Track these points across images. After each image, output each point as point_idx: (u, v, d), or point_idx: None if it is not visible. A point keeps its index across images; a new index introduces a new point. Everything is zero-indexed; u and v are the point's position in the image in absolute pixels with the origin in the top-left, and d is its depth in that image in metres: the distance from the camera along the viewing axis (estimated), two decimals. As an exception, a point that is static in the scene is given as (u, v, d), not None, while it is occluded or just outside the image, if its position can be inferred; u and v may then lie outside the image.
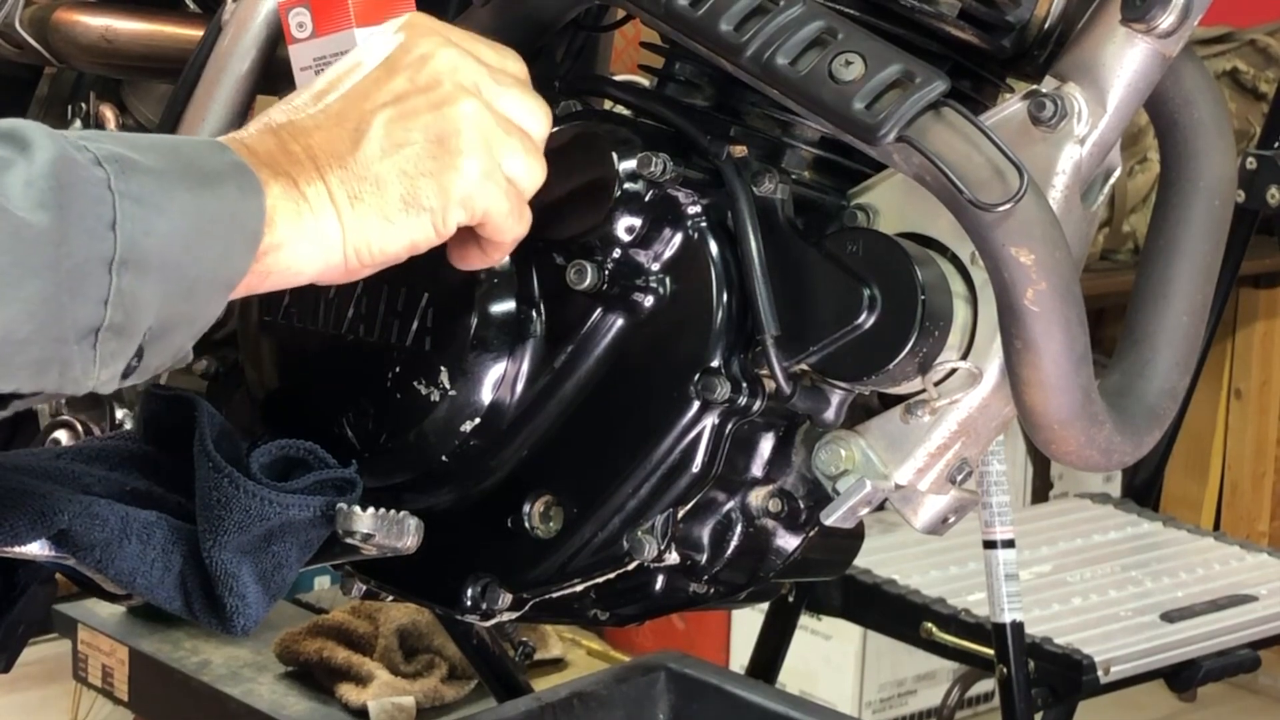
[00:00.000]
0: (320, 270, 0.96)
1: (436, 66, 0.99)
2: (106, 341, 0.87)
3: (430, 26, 1.02)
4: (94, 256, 0.86)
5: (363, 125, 0.97)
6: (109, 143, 0.89)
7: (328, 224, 0.95)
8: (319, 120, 0.97)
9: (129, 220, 0.87)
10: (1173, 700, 2.50)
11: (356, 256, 0.96)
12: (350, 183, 0.96)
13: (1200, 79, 1.14)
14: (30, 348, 0.85)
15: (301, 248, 0.94)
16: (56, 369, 0.87)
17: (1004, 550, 2.01)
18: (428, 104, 0.98)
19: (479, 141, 0.98)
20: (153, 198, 0.88)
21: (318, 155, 0.96)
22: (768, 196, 1.07)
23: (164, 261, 0.88)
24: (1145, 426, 1.09)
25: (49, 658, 2.84)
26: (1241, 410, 3.78)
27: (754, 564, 1.13)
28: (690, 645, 2.93)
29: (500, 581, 1.13)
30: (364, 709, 2.30)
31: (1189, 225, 1.13)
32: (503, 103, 1.01)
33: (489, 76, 1.01)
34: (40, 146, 0.86)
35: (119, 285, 0.86)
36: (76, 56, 1.49)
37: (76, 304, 0.86)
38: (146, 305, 0.88)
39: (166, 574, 1.08)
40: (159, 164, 0.89)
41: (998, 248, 0.97)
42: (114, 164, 0.87)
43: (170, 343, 0.91)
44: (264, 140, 0.96)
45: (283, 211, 0.93)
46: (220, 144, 0.94)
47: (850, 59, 1.00)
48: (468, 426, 1.10)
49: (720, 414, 1.07)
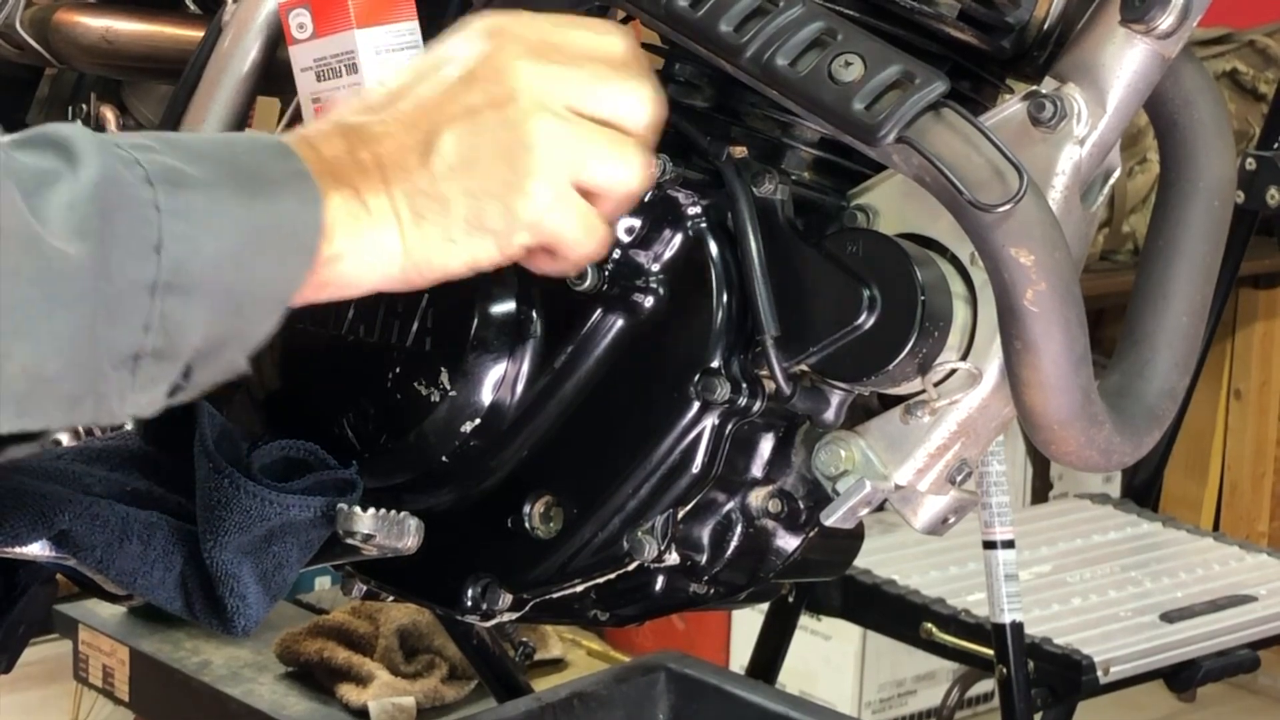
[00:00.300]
0: (377, 282, 0.93)
1: (514, 81, 0.94)
2: (146, 367, 0.84)
3: (515, 33, 0.97)
4: (135, 281, 0.82)
5: (433, 138, 0.93)
6: (162, 152, 0.85)
7: (388, 237, 0.92)
8: (390, 127, 0.94)
9: (175, 241, 0.83)
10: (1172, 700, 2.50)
11: (416, 271, 0.93)
12: (415, 198, 0.92)
13: (1200, 80, 1.15)
14: (61, 384, 0.81)
15: (360, 260, 0.91)
16: (91, 402, 0.83)
17: (1004, 550, 2.02)
18: (501, 121, 0.94)
19: (551, 162, 0.94)
20: (203, 215, 0.84)
21: (385, 166, 0.92)
22: (768, 197, 1.07)
23: (212, 281, 0.85)
24: (1145, 427, 1.09)
25: (50, 658, 2.84)
26: (1241, 411, 3.79)
27: (754, 564, 1.13)
28: (690, 645, 2.93)
29: (500, 582, 1.13)
30: (364, 709, 2.30)
31: (1188, 226, 1.13)
32: (595, 103, 0.96)
33: (581, 80, 0.96)
34: (87, 161, 0.82)
35: (161, 309, 0.83)
36: (77, 57, 1.49)
37: (113, 332, 0.82)
38: (192, 326, 0.84)
39: (167, 574, 1.08)
40: (212, 175, 0.86)
41: (997, 248, 0.98)
42: (164, 182, 0.84)
43: (220, 360, 0.88)
44: (332, 143, 0.92)
45: (343, 223, 0.90)
46: (284, 147, 0.90)
47: (850, 60, 1.00)
48: (468, 427, 1.11)
49: (720, 414, 1.07)
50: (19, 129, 0.87)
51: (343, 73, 1.17)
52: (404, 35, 1.18)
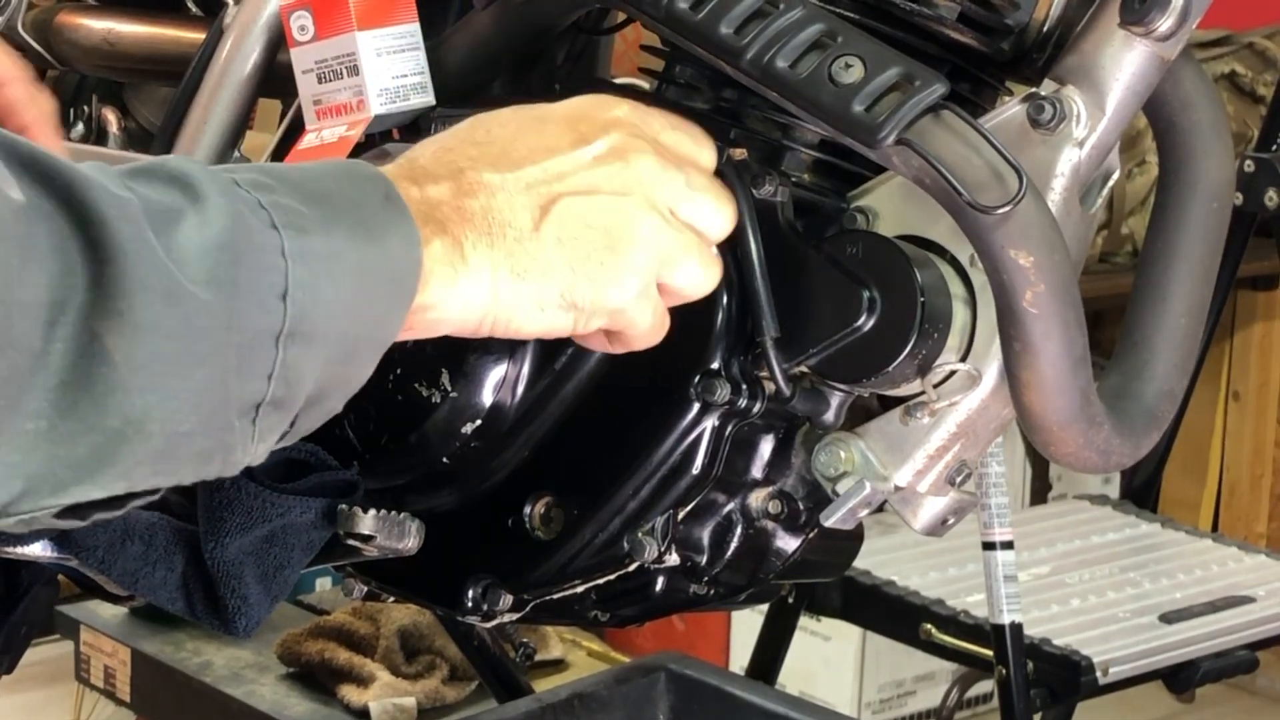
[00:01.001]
0: (452, 329, 0.92)
1: (634, 173, 0.96)
2: (267, 416, 0.82)
3: (639, 126, 0.98)
4: (262, 331, 0.80)
5: (550, 205, 0.93)
6: (279, 191, 0.83)
7: (480, 292, 0.91)
8: (507, 182, 0.93)
9: (300, 289, 0.81)
10: (1171, 701, 2.50)
11: (492, 326, 0.92)
12: (519, 259, 0.92)
13: (1198, 82, 1.15)
14: (195, 439, 0.79)
15: (448, 310, 0.90)
16: (220, 456, 0.81)
17: (1003, 552, 2.02)
18: (614, 209, 0.95)
19: (648, 258, 0.95)
20: (323, 260, 0.82)
21: (494, 221, 0.91)
22: (767, 199, 1.07)
23: (329, 328, 0.83)
24: (1144, 428, 1.09)
25: (51, 659, 2.85)
26: (1239, 412, 3.79)
27: (754, 565, 1.13)
28: (690, 646, 2.93)
29: (501, 583, 1.13)
30: (365, 710, 2.30)
31: (1187, 228, 1.13)
32: (689, 209, 0.98)
33: (684, 185, 0.98)
34: (213, 201, 0.80)
35: (284, 358, 0.81)
36: (79, 59, 1.49)
37: (241, 383, 0.80)
38: (309, 374, 0.83)
39: (169, 575, 1.08)
40: (328, 216, 0.84)
41: (997, 250, 0.98)
42: (288, 227, 0.81)
43: (324, 407, 0.86)
44: (438, 185, 0.91)
45: (438, 273, 0.88)
46: (388, 185, 0.88)
47: (850, 62, 1.00)
48: (469, 428, 1.11)
49: (720, 416, 1.07)
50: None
51: (344, 75, 1.17)
52: (405, 37, 1.18)
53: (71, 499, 0.77)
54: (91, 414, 0.75)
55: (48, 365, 0.74)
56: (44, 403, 0.74)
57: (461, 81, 1.20)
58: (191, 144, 1.33)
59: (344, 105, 1.17)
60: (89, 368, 0.75)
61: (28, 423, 0.74)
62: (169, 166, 0.81)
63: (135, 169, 0.81)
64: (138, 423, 0.77)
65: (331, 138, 1.18)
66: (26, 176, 0.75)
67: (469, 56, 1.21)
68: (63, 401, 0.75)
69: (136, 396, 0.76)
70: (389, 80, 1.17)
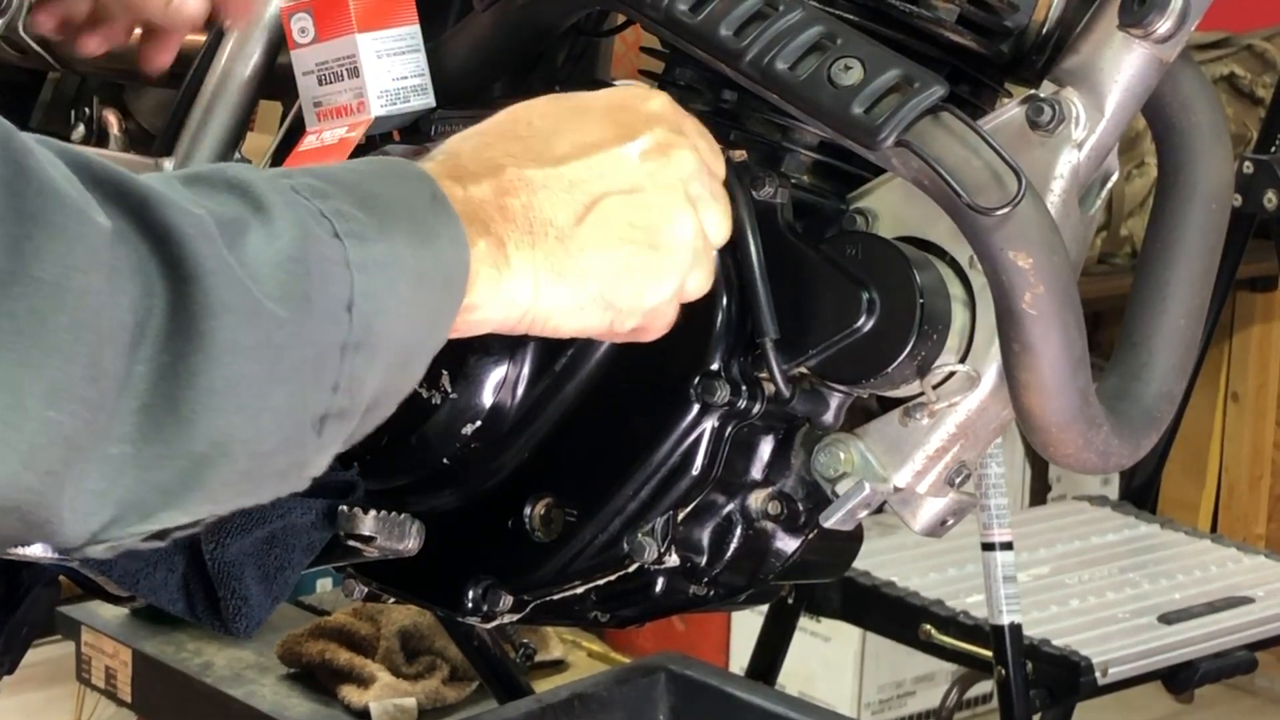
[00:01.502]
0: (494, 328, 0.91)
1: (678, 171, 0.95)
2: (331, 427, 0.80)
3: (678, 121, 0.97)
4: (329, 343, 0.79)
5: (593, 204, 0.92)
6: (335, 197, 0.81)
7: (521, 291, 0.89)
8: (550, 179, 0.91)
9: (364, 299, 0.80)
10: (1170, 701, 2.51)
11: (530, 325, 0.91)
12: (560, 259, 0.90)
13: (1197, 84, 1.15)
14: (276, 458, 0.78)
15: (491, 311, 0.89)
16: (295, 473, 0.80)
17: (1002, 552, 2.02)
18: (658, 207, 0.94)
19: (683, 263, 0.95)
20: (383, 269, 0.81)
21: (535, 220, 0.90)
22: (767, 200, 1.07)
23: (390, 335, 0.81)
24: (1143, 429, 1.09)
25: (53, 659, 2.85)
26: (1238, 413, 3.79)
27: (753, 566, 1.13)
28: (690, 647, 2.93)
29: (501, 583, 1.13)
30: (366, 710, 2.31)
31: (1186, 229, 1.13)
32: (710, 217, 0.97)
33: (713, 187, 0.98)
34: (278, 212, 0.78)
35: (349, 370, 0.80)
36: (80, 61, 1.49)
37: (311, 397, 0.79)
38: (370, 382, 0.81)
39: (169, 576, 1.08)
40: (385, 223, 0.82)
41: (996, 252, 0.98)
42: (350, 236, 0.80)
43: (378, 414, 0.85)
44: (481, 184, 0.89)
45: (484, 276, 0.87)
46: (433, 185, 0.87)
47: (849, 64, 1.01)
48: (469, 429, 1.11)
49: (720, 417, 1.08)
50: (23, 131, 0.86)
51: (344, 76, 1.17)
52: (405, 39, 1.18)
53: (159, 525, 0.75)
54: (176, 438, 0.74)
55: (131, 390, 0.72)
56: (130, 427, 0.72)
57: (462, 83, 1.20)
58: (192, 146, 1.33)
59: (344, 107, 1.18)
60: (172, 390, 0.73)
61: (114, 448, 0.72)
62: (228, 175, 0.80)
63: (192, 177, 0.79)
64: (223, 445, 0.75)
65: (332, 139, 1.18)
66: (100, 194, 0.73)
67: (469, 58, 1.21)
68: (148, 426, 0.73)
69: (220, 419, 0.74)
70: (389, 82, 1.17)
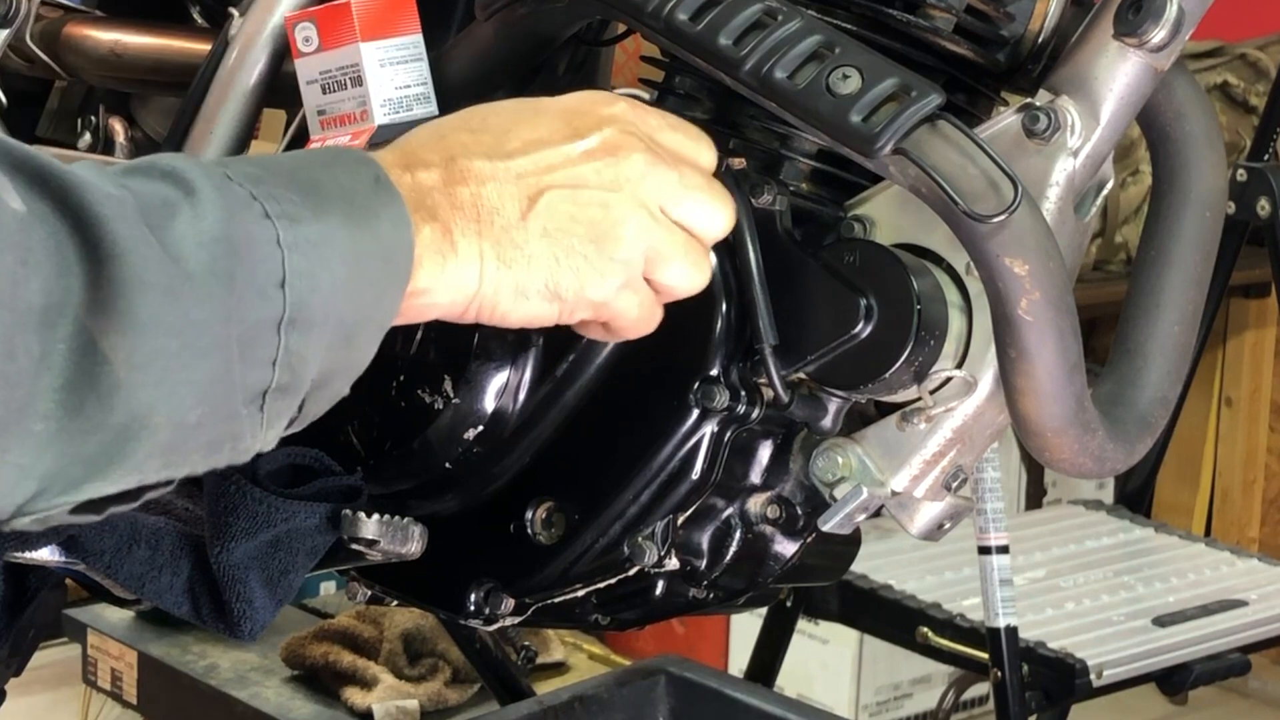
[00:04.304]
0: (442, 314, 0.94)
1: (624, 170, 0.97)
2: (274, 403, 0.83)
3: (638, 126, 0.99)
4: (263, 320, 0.81)
5: (538, 196, 0.94)
6: (269, 181, 0.84)
7: (468, 277, 0.92)
8: (498, 171, 0.94)
9: (298, 277, 0.82)
10: (1164, 703, 2.52)
11: (478, 311, 0.94)
12: (506, 248, 0.93)
13: (1192, 92, 1.15)
14: (203, 430, 0.81)
15: (439, 295, 0.92)
16: (229, 445, 0.83)
17: (998, 556, 2.03)
18: (600, 203, 0.96)
19: (632, 255, 0.97)
20: (317, 249, 0.83)
21: (483, 209, 0.93)
22: (766, 208, 1.08)
23: (328, 313, 0.84)
24: (1137, 434, 1.09)
25: (59, 661, 2.85)
26: (1232, 418, 3.80)
27: (753, 569, 1.14)
28: (690, 649, 2.94)
29: (503, 587, 1.13)
30: (369, 712, 2.31)
31: (1180, 236, 1.14)
32: (682, 209, 0.99)
33: (677, 183, 0.99)
34: (206, 196, 0.81)
35: (287, 345, 0.82)
36: (86, 70, 1.49)
37: (246, 372, 0.81)
38: (312, 359, 0.84)
39: (175, 579, 1.09)
40: (320, 204, 0.85)
41: (992, 258, 0.98)
42: (282, 217, 0.83)
43: (330, 390, 0.88)
44: (430, 172, 0.92)
45: (428, 260, 0.90)
46: (377, 169, 0.89)
47: (847, 73, 1.01)
48: (471, 434, 1.11)
49: (719, 422, 1.08)
50: (30, 141, 0.87)
51: (348, 85, 1.18)
52: (408, 48, 1.19)
53: (85, 496, 0.79)
54: (98, 412, 0.77)
55: (50, 367, 0.75)
56: (51, 404, 0.76)
57: (464, 92, 1.21)
58: (197, 154, 1.34)
59: (348, 116, 1.18)
60: (91, 367, 0.76)
61: (36, 424, 0.75)
62: (161, 163, 0.82)
63: (128, 167, 0.82)
64: (144, 418, 0.78)
65: (336, 147, 1.18)
66: (20, 179, 0.76)
67: (471, 67, 1.22)
68: (69, 401, 0.76)
69: (141, 392, 0.77)
70: (392, 91, 1.18)
